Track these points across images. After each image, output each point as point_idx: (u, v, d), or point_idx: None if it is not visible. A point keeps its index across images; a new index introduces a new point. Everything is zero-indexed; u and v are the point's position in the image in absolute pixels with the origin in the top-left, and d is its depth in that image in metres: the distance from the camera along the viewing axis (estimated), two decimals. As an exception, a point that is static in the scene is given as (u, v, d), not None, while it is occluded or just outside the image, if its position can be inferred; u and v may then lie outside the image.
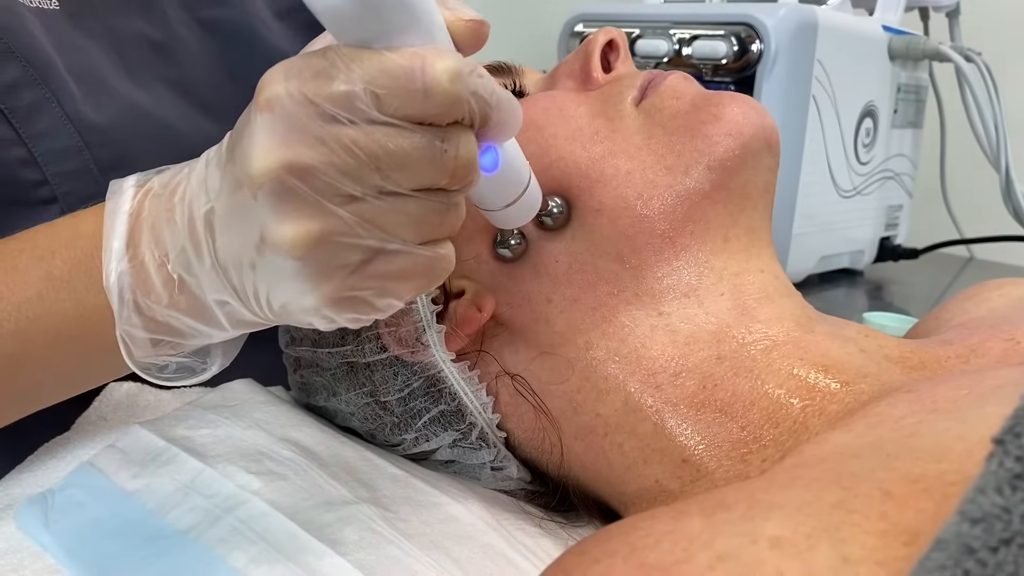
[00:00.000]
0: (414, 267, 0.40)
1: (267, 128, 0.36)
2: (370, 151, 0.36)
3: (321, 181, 0.36)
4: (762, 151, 0.54)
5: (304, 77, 0.36)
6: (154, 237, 0.43)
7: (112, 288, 0.43)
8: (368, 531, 0.51)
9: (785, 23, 1.05)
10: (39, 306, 0.46)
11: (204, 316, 0.43)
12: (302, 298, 0.39)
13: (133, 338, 0.44)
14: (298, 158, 0.36)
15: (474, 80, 0.37)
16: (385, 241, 0.38)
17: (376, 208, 0.37)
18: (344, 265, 0.38)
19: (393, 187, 0.37)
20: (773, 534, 0.33)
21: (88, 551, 0.49)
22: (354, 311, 0.40)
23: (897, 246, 1.34)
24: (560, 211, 0.54)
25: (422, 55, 0.36)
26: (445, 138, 0.37)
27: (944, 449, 0.36)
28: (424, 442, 0.59)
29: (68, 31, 0.62)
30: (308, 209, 0.37)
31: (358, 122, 0.36)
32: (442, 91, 0.36)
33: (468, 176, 0.39)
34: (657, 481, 0.51)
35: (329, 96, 0.36)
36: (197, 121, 0.67)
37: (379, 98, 0.36)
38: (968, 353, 0.52)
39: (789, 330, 0.52)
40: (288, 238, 0.37)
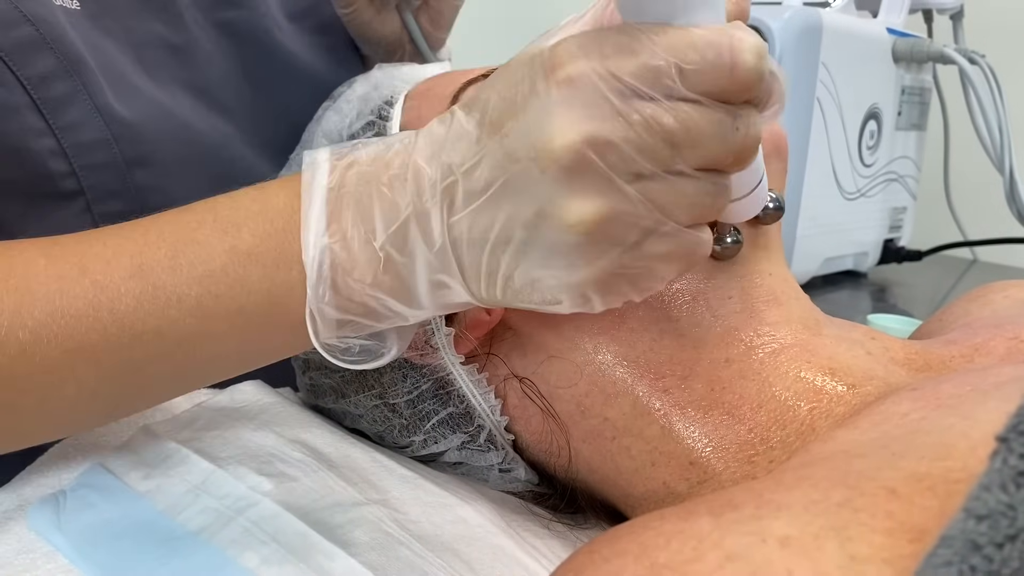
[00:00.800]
0: (680, 249, 0.39)
1: (567, 102, 0.36)
2: (669, 127, 0.36)
3: (617, 157, 0.36)
4: (770, 156, 0.54)
5: (606, 52, 0.36)
6: (360, 213, 0.42)
7: (311, 263, 0.42)
8: (379, 532, 0.51)
9: (790, 26, 1.05)
10: (223, 281, 0.44)
11: (407, 297, 0.43)
12: (569, 273, 0.39)
13: (324, 316, 0.43)
14: (600, 132, 0.36)
15: (769, 60, 0.37)
16: (661, 222, 0.38)
17: (659, 187, 0.37)
18: (620, 243, 0.38)
19: (681, 166, 0.37)
20: (782, 533, 0.33)
21: (100, 552, 0.49)
22: (616, 292, 0.40)
23: (901, 248, 1.34)
24: (776, 206, 0.52)
25: (730, 32, 0.36)
26: (738, 116, 0.37)
27: (948, 447, 0.36)
28: (433, 444, 0.59)
29: (90, 31, 0.62)
30: (600, 185, 0.37)
31: (659, 98, 0.36)
32: (748, 68, 0.36)
33: (751, 156, 0.39)
34: (664, 483, 0.51)
35: (633, 71, 0.36)
36: (214, 122, 0.68)
37: (685, 74, 0.36)
38: (972, 352, 0.52)
39: (796, 333, 0.52)
40: (576, 214, 0.37)
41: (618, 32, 0.37)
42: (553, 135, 0.36)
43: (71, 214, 0.59)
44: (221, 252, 0.44)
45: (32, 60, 0.57)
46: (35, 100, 0.57)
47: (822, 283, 1.24)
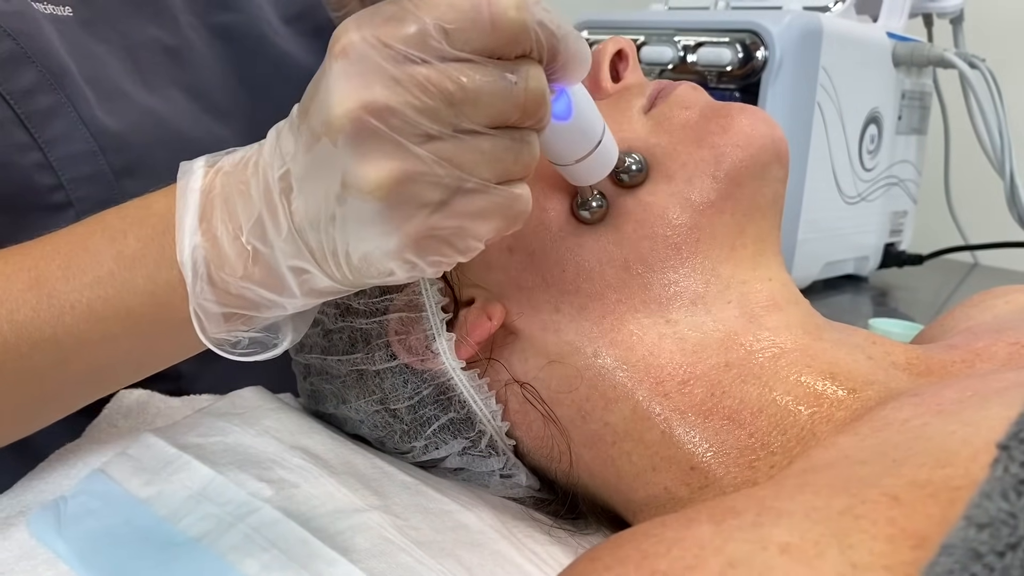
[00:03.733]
0: (492, 206, 0.40)
1: (344, 73, 0.38)
2: (443, 88, 0.37)
3: (399, 120, 0.37)
4: (771, 163, 0.54)
5: (376, 23, 0.38)
6: (227, 211, 0.43)
7: (186, 262, 0.44)
8: (379, 539, 0.51)
9: (790, 30, 1.05)
10: (111, 285, 0.46)
11: (278, 286, 0.44)
12: (385, 241, 0.40)
13: (206, 312, 0.45)
14: (376, 98, 0.37)
15: (539, 11, 0.38)
16: (462, 179, 0.39)
17: (452, 146, 0.38)
18: (425, 204, 0.39)
19: (468, 124, 0.38)
20: (782, 540, 0.33)
21: (101, 558, 0.49)
22: (436, 253, 0.41)
23: (902, 252, 1.34)
24: (639, 167, 0.53)
25: None
26: (515, 70, 0.38)
27: (949, 453, 0.36)
28: (434, 450, 0.59)
29: (82, 37, 0.62)
30: (388, 149, 0.38)
31: (431, 60, 0.37)
32: (508, 19, 0.37)
33: (539, 110, 0.40)
34: (666, 488, 0.51)
35: (401, 37, 0.37)
36: (209, 125, 0.68)
37: (448, 33, 0.37)
38: (973, 357, 0.52)
39: (797, 337, 0.52)
40: (371, 179, 0.38)
41: (390, 3, 0.38)
42: (333, 106, 0.38)
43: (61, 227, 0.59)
44: (109, 258, 0.46)
45: (14, 75, 0.57)
46: (19, 114, 0.57)
47: (823, 287, 1.24)
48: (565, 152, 0.48)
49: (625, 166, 0.53)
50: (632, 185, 0.54)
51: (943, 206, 1.40)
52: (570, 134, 0.46)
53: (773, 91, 1.06)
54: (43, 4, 0.61)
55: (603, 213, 0.53)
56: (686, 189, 0.53)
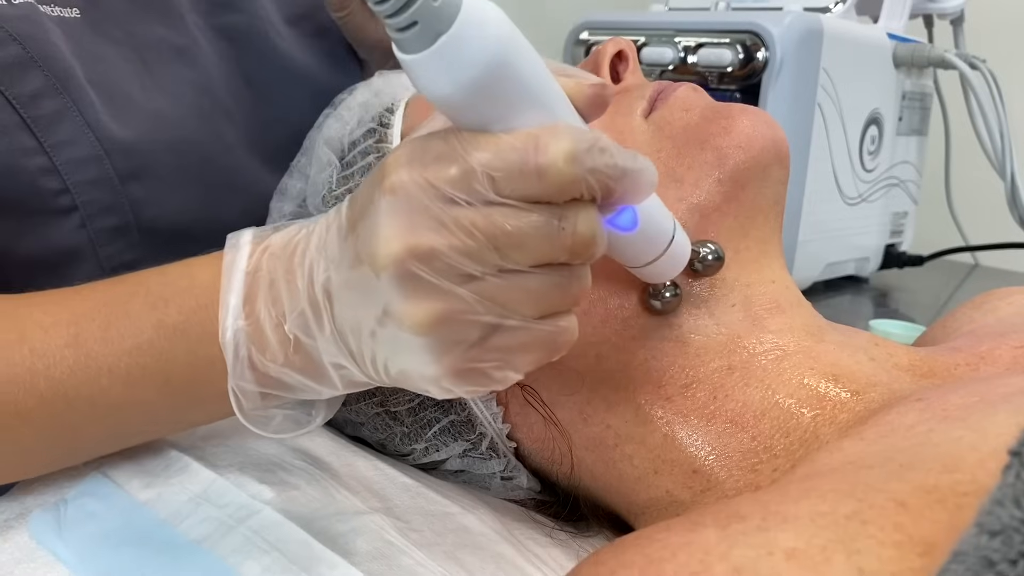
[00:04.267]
0: (534, 341, 0.40)
1: (391, 211, 0.38)
2: (488, 232, 0.37)
3: (442, 263, 0.37)
4: (772, 164, 0.54)
5: (426, 162, 0.37)
6: (272, 296, 0.44)
7: (228, 344, 0.44)
8: (380, 541, 0.51)
9: (790, 31, 1.05)
10: (150, 353, 0.47)
11: (318, 376, 0.44)
12: (424, 368, 0.40)
13: (244, 392, 0.45)
14: (420, 241, 0.37)
15: (594, 157, 0.37)
16: (504, 317, 0.39)
17: (495, 286, 0.38)
18: (464, 340, 0.39)
19: (512, 265, 0.38)
20: (789, 546, 0.33)
21: (101, 561, 0.49)
22: (473, 383, 0.41)
23: (902, 253, 1.34)
24: (715, 257, 0.52)
25: (536, 136, 0.37)
26: (563, 216, 0.38)
27: (957, 459, 0.36)
28: (434, 452, 0.59)
29: (89, 39, 0.62)
30: (431, 290, 0.38)
31: (476, 204, 0.37)
32: (556, 172, 0.36)
33: (588, 251, 0.39)
34: (668, 491, 0.51)
35: (448, 180, 0.37)
36: (215, 127, 0.68)
37: (495, 180, 0.36)
38: (977, 361, 0.52)
39: (800, 340, 0.52)
40: (412, 318, 0.38)
41: (441, 139, 0.38)
42: (379, 245, 0.38)
43: (67, 230, 0.59)
44: (149, 326, 0.47)
45: (20, 79, 0.57)
46: (25, 119, 0.57)
47: (823, 288, 1.24)
48: (635, 257, 0.47)
49: (700, 257, 0.52)
50: (707, 275, 0.53)
51: (944, 207, 1.40)
52: (637, 242, 0.46)
53: (774, 92, 1.06)
54: (50, 6, 0.60)
55: (677, 303, 0.52)
56: (693, 194, 0.53)
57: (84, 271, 0.60)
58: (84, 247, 0.60)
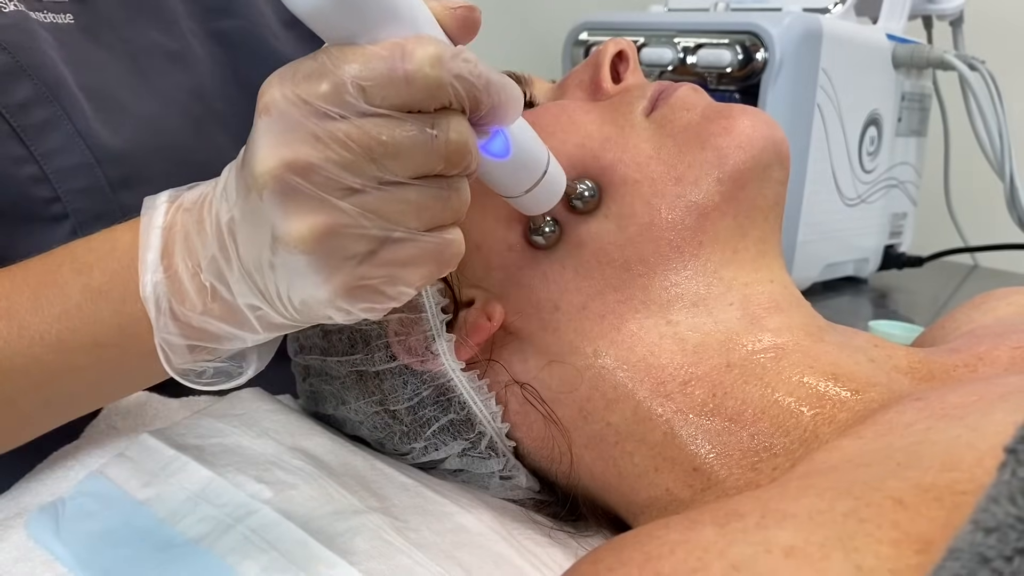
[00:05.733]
0: (421, 253, 0.41)
1: (266, 130, 0.38)
2: (363, 142, 0.37)
3: (320, 176, 0.38)
4: (772, 163, 0.54)
5: (297, 79, 0.38)
6: (187, 248, 0.44)
7: (149, 297, 0.45)
8: (379, 540, 0.51)
9: (790, 32, 1.05)
10: (78, 317, 0.47)
11: (238, 321, 0.44)
12: (317, 291, 0.40)
13: (171, 345, 0.45)
14: (296, 155, 0.37)
15: (458, 64, 0.38)
16: (389, 229, 0.39)
17: (377, 198, 0.38)
18: (352, 256, 0.40)
19: (391, 176, 0.38)
20: (787, 543, 0.33)
21: (99, 560, 0.49)
22: (367, 300, 0.41)
23: (901, 254, 1.34)
24: (591, 194, 0.54)
25: (401, 44, 0.37)
26: (435, 124, 0.38)
27: (954, 457, 0.36)
28: (433, 451, 0.59)
29: (82, 45, 0.62)
30: (311, 204, 0.38)
31: (349, 116, 0.37)
32: (423, 76, 0.37)
33: (463, 160, 0.40)
34: (668, 490, 0.51)
35: (319, 94, 0.37)
36: (209, 132, 0.68)
37: (365, 90, 0.37)
38: (976, 361, 0.52)
39: (798, 339, 0.52)
40: (295, 234, 0.38)
41: (310, 58, 0.38)
42: (256, 164, 0.38)
43: (59, 238, 0.59)
44: (76, 291, 0.47)
45: (10, 88, 0.57)
46: (14, 128, 0.57)
47: (823, 289, 1.24)
48: (510, 186, 0.48)
49: (577, 192, 0.54)
50: (585, 211, 0.54)
51: (943, 208, 1.40)
52: (511, 169, 0.47)
53: (773, 93, 1.06)
54: (43, 13, 0.60)
55: (556, 239, 0.54)
56: (693, 192, 0.53)
57: None
58: None
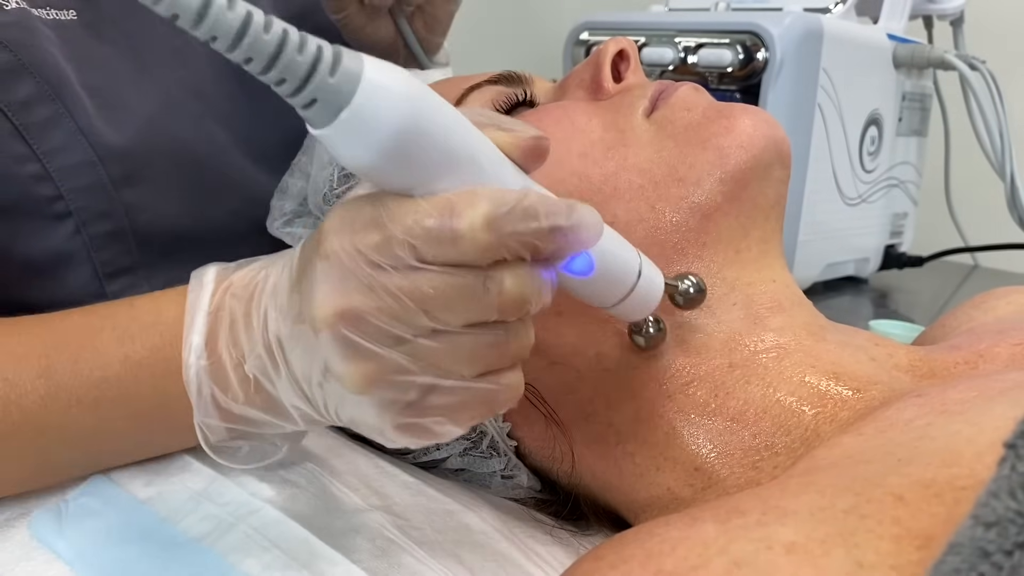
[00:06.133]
0: (473, 399, 0.40)
1: (324, 276, 0.39)
2: (414, 295, 0.37)
3: (372, 325, 0.38)
4: (773, 163, 0.54)
5: (355, 228, 0.38)
6: (232, 337, 0.45)
7: (191, 382, 0.45)
8: (381, 539, 0.51)
9: (790, 32, 1.05)
10: (118, 387, 0.49)
11: (279, 413, 0.45)
12: (369, 420, 0.41)
13: (210, 427, 0.46)
14: (349, 305, 0.38)
15: (514, 221, 0.37)
16: (440, 377, 0.39)
17: (427, 347, 0.38)
18: (402, 399, 0.40)
19: (443, 326, 0.38)
20: (788, 540, 0.33)
21: (102, 559, 0.49)
22: (416, 437, 0.41)
23: (902, 254, 1.34)
24: (696, 289, 0.51)
25: (452, 203, 0.37)
26: (488, 277, 0.38)
27: (954, 453, 0.36)
28: (435, 450, 0.59)
29: (85, 41, 0.62)
30: (364, 351, 0.38)
31: (400, 269, 0.37)
32: (471, 239, 0.37)
33: (519, 310, 0.39)
34: (669, 489, 0.51)
35: (373, 246, 0.37)
36: (210, 128, 0.68)
37: (415, 247, 0.37)
38: (976, 358, 0.52)
39: (800, 339, 0.52)
40: (348, 378, 0.39)
41: (369, 204, 0.38)
42: (314, 308, 0.39)
43: (62, 236, 0.60)
44: (116, 360, 0.49)
45: (11, 86, 0.57)
46: (16, 126, 0.57)
47: (823, 289, 1.24)
48: (602, 299, 0.46)
49: (680, 290, 0.51)
50: (689, 308, 0.52)
51: (943, 208, 1.40)
52: (598, 284, 0.45)
53: (774, 92, 1.06)
54: (46, 10, 0.60)
55: (661, 339, 0.52)
56: (695, 193, 0.53)
57: (80, 276, 0.61)
58: (79, 252, 0.60)
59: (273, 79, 0.32)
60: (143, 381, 0.48)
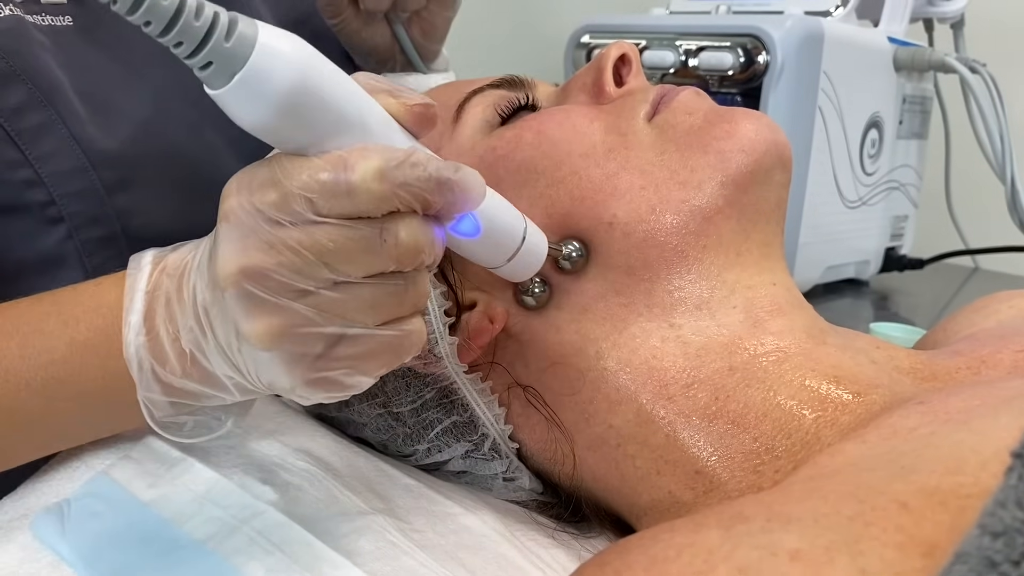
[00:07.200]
0: (378, 347, 0.42)
1: (226, 236, 0.40)
2: (314, 249, 0.39)
3: (274, 280, 0.39)
4: (774, 167, 0.54)
5: (252, 187, 0.40)
6: (168, 313, 0.45)
7: (132, 358, 0.46)
8: (383, 541, 0.51)
9: (791, 35, 1.05)
10: (64, 368, 0.49)
11: (215, 384, 0.46)
12: (279, 379, 0.42)
13: (153, 402, 0.47)
14: (251, 262, 0.39)
15: (403, 173, 0.39)
16: (344, 327, 0.41)
17: (330, 299, 0.40)
18: (309, 352, 0.41)
19: (343, 278, 0.40)
20: (792, 547, 0.33)
21: (105, 561, 0.49)
22: (326, 390, 0.43)
23: (903, 256, 1.34)
24: (579, 254, 0.54)
25: (344, 157, 0.39)
26: (383, 228, 0.40)
27: (959, 461, 0.36)
28: (437, 453, 0.59)
29: (79, 47, 0.62)
30: (268, 306, 0.40)
31: (299, 224, 0.39)
32: (365, 190, 0.39)
33: (415, 259, 0.41)
34: (670, 492, 0.51)
35: (271, 203, 0.39)
36: (203, 132, 0.68)
37: (312, 201, 0.39)
38: (979, 364, 0.52)
39: (800, 342, 0.52)
40: (255, 333, 0.40)
41: (265, 165, 0.40)
42: (218, 268, 0.40)
43: (54, 241, 0.60)
44: (62, 343, 0.49)
45: (3, 93, 0.58)
46: (9, 132, 0.58)
47: (824, 291, 1.24)
48: (489, 259, 0.49)
49: (564, 254, 0.54)
50: (575, 271, 0.55)
51: (944, 210, 1.40)
52: (486, 245, 0.48)
53: (774, 95, 1.06)
54: (41, 16, 0.61)
55: (546, 299, 0.55)
56: (696, 196, 0.53)
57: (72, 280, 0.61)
58: (71, 257, 0.61)
59: (171, 42, 0.35)
60: (88, 362, 0.48)
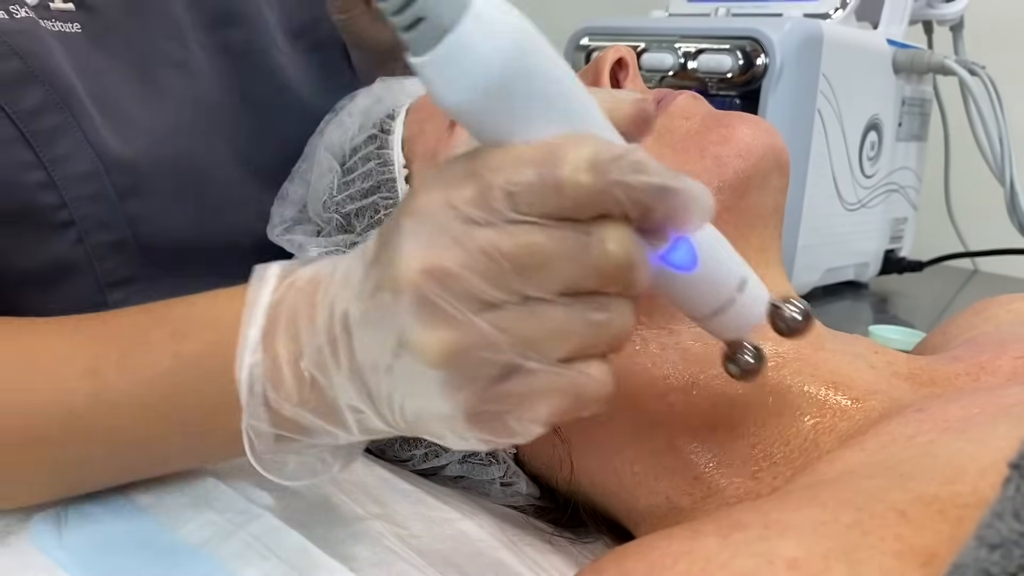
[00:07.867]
0: (556, 388, 0.36)
1: (411, 233, 0.36)
2: (508, 251, 0.34)
3: (460, 286, 0.34)
4: (771, 172, 0.54)
5: (447, 182, 0.35)
6: (291, 332, 0.42)
7: (243, 379, 0.42)
8: (380, 547, 0.51)
9: (790, 37, 1.05)
10: (167, 386, 0.46)
11: (333, 418, 0.42)
12: (437, 405, 0.37)
13: (258, 432, 0.44)
14: (438, 261, 0.35)
15: (620, 169, 0.34)
16: (524, 356, 0.35)
17: (517, 316, 0.35)
18: (479, 377, 0.36)
19: (534, 292, 0.35)
20: (790, 555, 0.33)
21: (102, 566, 0.49)
22: (489, 430, 0.38)
23: (902, 259, 1.34)
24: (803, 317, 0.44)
25: (555, 145, 0.34)
26: (590, 233, 0.34)
27: (958, 470, 0.36)
28: (434, 458, 0.59)
29: (90, 54, 0.62)
30: (447, 317, 0.35)
31: (496, 223, 0.34)
32: (575, 184, 0.34)
33: (622, 276, 0.35)
34: (668, 498, 0.51)
35: (466, 199, 0.34)
36: (212, 142, 0.68)
37: (513, 197, 0.34)
38: (978, 370, 0.52)
39: (799, 347, 0.52)
40: (428, 345, 0.35)
41: (463, 158, 0.36)
42: (398, 266, 0.36)
43: (64, 245, 0.59)
44: (167, 357, 0.46)
45: (21, 94, 0.57)
46: (24, 133, 0.57)
47: (823, 294, 1.23)
48: (697, 304, 0.41)
49: (783, 316, 0.44)
50: (792, 337, 0.45)
51: (943, 213, 1.40)
52: (699, 284, 0.40)
53: (773, 98, 1.06)
54: (51, 22, 0.60)
55: (757, 370, 0.45)
56: None
57: (81, 285, 0.61)
58: (81, 262, 0.60)
59: None
60: (194, 380, 0.45)
